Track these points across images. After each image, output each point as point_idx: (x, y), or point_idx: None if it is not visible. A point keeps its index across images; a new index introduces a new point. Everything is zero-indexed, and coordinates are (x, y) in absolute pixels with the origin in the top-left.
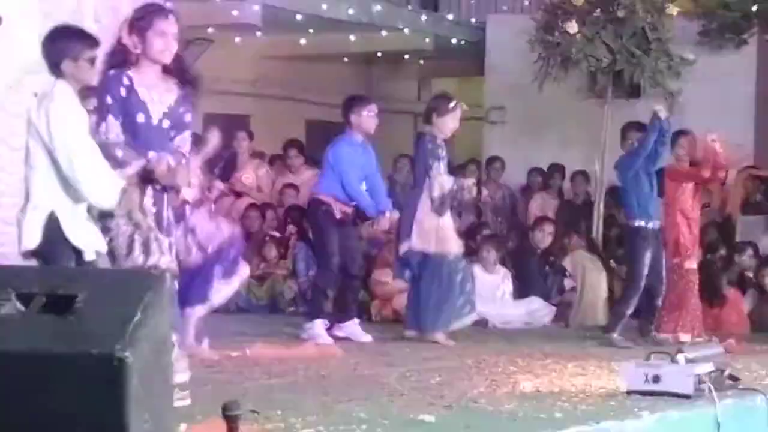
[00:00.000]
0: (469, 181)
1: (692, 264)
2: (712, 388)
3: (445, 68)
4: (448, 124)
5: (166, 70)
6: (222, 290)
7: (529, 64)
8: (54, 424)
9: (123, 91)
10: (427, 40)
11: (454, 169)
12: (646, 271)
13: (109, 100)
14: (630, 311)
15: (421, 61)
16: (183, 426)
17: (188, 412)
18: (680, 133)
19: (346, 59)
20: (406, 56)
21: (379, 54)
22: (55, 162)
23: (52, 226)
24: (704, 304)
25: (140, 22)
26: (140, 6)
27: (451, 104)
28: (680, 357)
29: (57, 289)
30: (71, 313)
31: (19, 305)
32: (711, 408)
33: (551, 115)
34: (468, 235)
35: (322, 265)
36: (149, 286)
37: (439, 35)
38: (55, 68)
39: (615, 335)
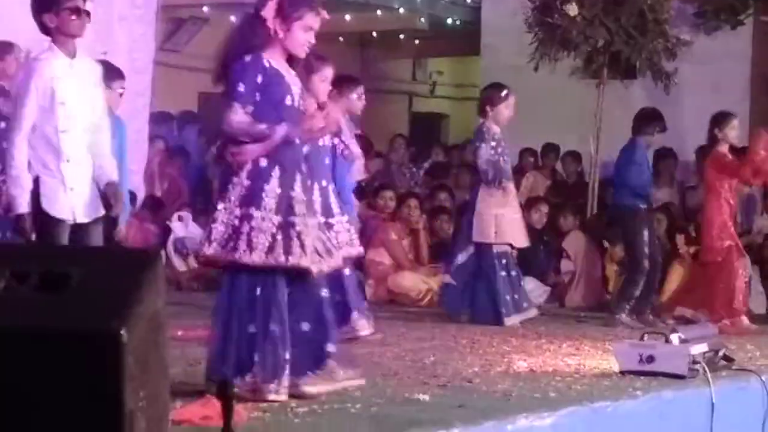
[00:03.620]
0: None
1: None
2: (706, 368)
3: (440, 48)
4: (503, 113)
5: (290, 59)
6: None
7: (524, 44)
8: (48, 402)
9: (260, 78)
10: (422, 19)
11: (450, 149)
12: (647, 249)
13: (240, 87)
14: (638, 292)
15: (417, 41)
16: (178, 404)
17: (183, 390)
18: (730, 115)
19: (341, 38)
20: (401, 36)
21: (374, 33)
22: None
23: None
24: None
25: (290, 10)
26: None
27: (503, 93)
28: (674, 337)
29: (52, 266)
30: (66, 290)
31: (13, 282)
32: (705, 388)
33: (546, 96)
34: (462, 214)
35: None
36: (144, 264)
37: (434, 15)
38: (41, 26)
39: (623, 316)
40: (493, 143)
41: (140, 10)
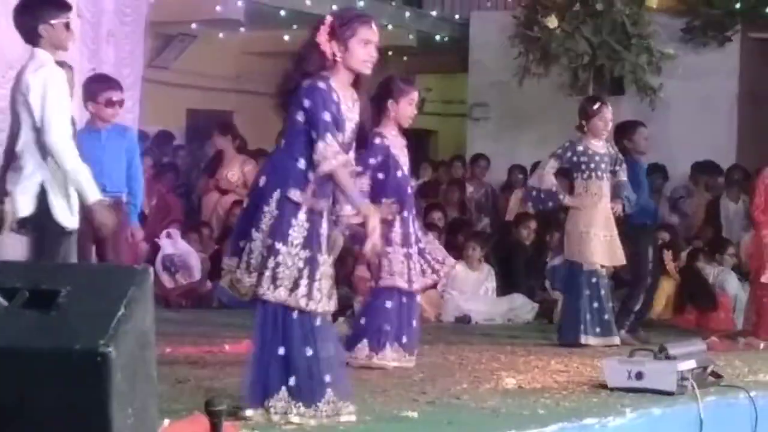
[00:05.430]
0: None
1: None
2: (694, 385)
3: (428, 64)
4: (598, 125)
5: (356, 81)
6: None
7: (511, 60)
8: (37, 420)
9: (333, 107)
10: (411, 36)
11: (438, 165)
12: (650, 266)
13: (326, 116)
14: (638, 306)
15: (405, 58)
16: (166, 421)
17: (171, 407)
18: None
19: None
20: (390, 52)
21: None
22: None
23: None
24: (696, 309)
25: (343, 29)
26: (341, 12)
27: (596, 105)
28: (662, 354)
29: (40, 283)
30: (54, 308)
31: (1, 300)
32: (694, 405)
33: (534, 112)
34: (452, 231)
35: None
36: (132, 281)
37: (422, 31)
38: (32, 34)
39: (623, 332)
40: (583, 157)
41: (129, 27)
